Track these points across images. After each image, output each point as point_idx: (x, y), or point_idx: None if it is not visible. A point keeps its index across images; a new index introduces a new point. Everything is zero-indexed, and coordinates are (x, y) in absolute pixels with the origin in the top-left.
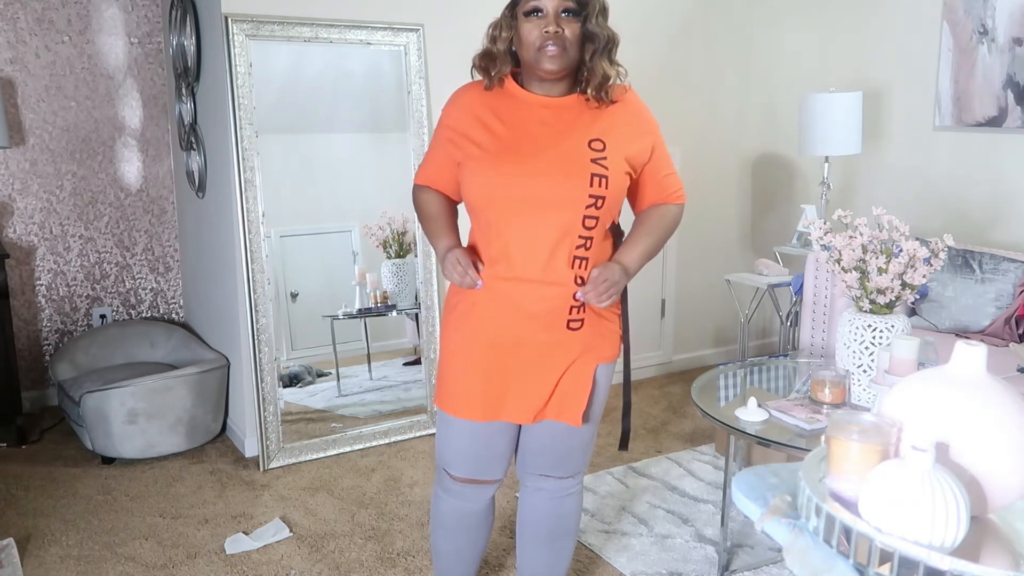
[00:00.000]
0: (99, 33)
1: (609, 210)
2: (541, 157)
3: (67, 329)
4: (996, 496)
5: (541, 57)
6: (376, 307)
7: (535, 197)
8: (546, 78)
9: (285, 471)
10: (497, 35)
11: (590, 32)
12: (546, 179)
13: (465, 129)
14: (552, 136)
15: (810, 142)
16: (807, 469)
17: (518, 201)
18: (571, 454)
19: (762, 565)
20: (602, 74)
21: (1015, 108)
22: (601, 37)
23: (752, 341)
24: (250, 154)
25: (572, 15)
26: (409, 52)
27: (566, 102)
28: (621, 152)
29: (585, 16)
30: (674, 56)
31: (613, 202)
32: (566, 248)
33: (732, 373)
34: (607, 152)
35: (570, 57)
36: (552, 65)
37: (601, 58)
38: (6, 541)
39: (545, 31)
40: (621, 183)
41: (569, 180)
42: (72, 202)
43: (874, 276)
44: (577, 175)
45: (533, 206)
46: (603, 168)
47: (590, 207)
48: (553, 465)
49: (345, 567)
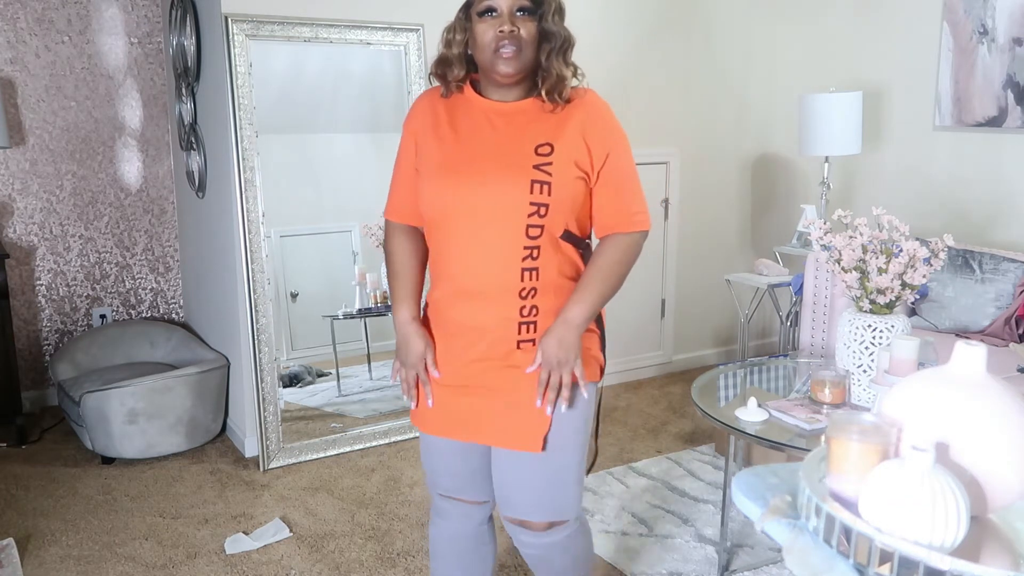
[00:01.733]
0: (99, 33)
1: (557, 217)
2: (484, 165)
3: (67, 329)
4: (996, 496)
5: (496, 60)
6: (376, 307)
7: (476, 208)
8: (502, 82)
9: (285, 471)
10: (452, 38)
11: (546, 31)
12: (486, 188)
13: (420, 138)
14: (499, 143)
15: (810, 142)
16: (807, 469)
17: (463, 213)
18: (544, 491)
19: (762, 565)
20: (557, 74)
21: (1015, 108)
22: (558, 36)
23: (752, 341)
24: (250, 154)
25: (527, 14)
26: (409, 52)
27: (520, 107)
28: (571, 156)
29: (541, 15)
30: (674, 56)
31: (560, 208)
32: (512, 260)
33: (732, 373)
34: (554, 157)
35: (525, 58)
36: (507, 68)
37: (557, 58)
38: (6, 541)
39: (500, 31)
40: (570, 189)
41: (509, 188)
42: (72, 202)
43: (874, 276)
44: (517, 182)
45: (475, 217)
46: (546, 174)
47: (532, 215)
48: (526, 506)
49: (345, 567)
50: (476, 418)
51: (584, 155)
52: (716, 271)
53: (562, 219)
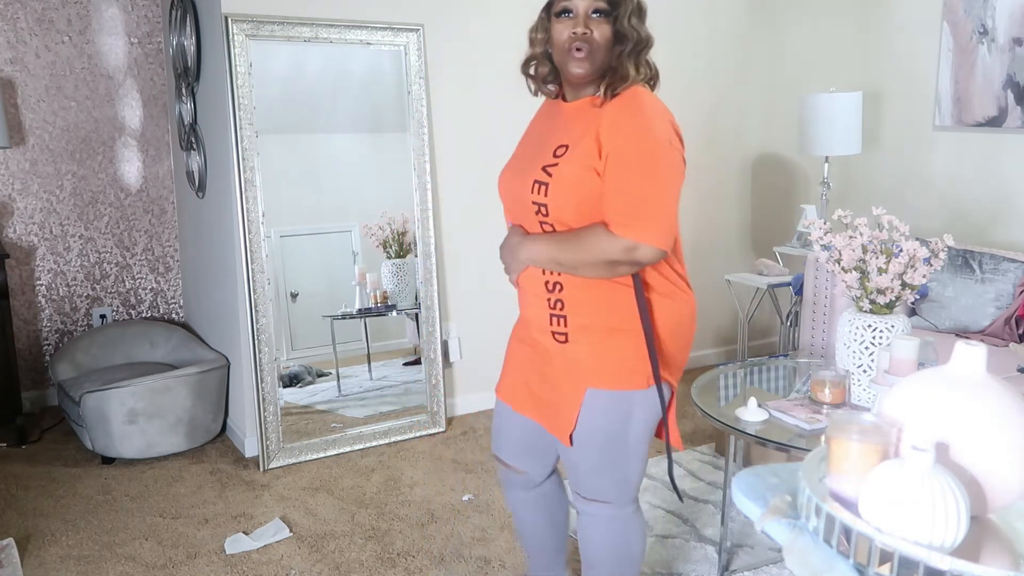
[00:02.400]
0: (99, 33)
1: (559, 215)
2: (515, 165)
3: (67, 329)
4: (996, 496)
5: (568, 60)
6: (376, 307)
7: (509, 206)
8: (574, 82)
9: (285, 471)
10: (534, 37)
11: (620, 33)
12: (506, 188)
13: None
14: (538, 143)
15: (810, 142)
16: (807, 469)
17: (506, 209)
18: (575, 472)
19: (762, 565)
20: (624, 74)
21: (1015, 108)
22: (631, 38)
23: (752, 341)
24: (250, 154)
25: (603, 15)
26: (409, 52)
27: (577, 105)
28: (580, 157)
29: (616, 17)
30: (674, 56)
31: (561, 207)
32: None
33: (732, 373)
34: (563, 159)
35: (597, 61)
36: (578, 68)
37: (629, 59)
38: (6, 541)
39: (573, 32)
40: (570, 190)
41: (519, 188)
42: (72, 202)
43: (874, 276)
44: (524, 183)
45: (511, 214)
46: (546, 175)
47: (537, 214)
48: (572, 479)
49: (345, 567)
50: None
51: (594, 152)
52: (716, 271)
53: (565, 217)
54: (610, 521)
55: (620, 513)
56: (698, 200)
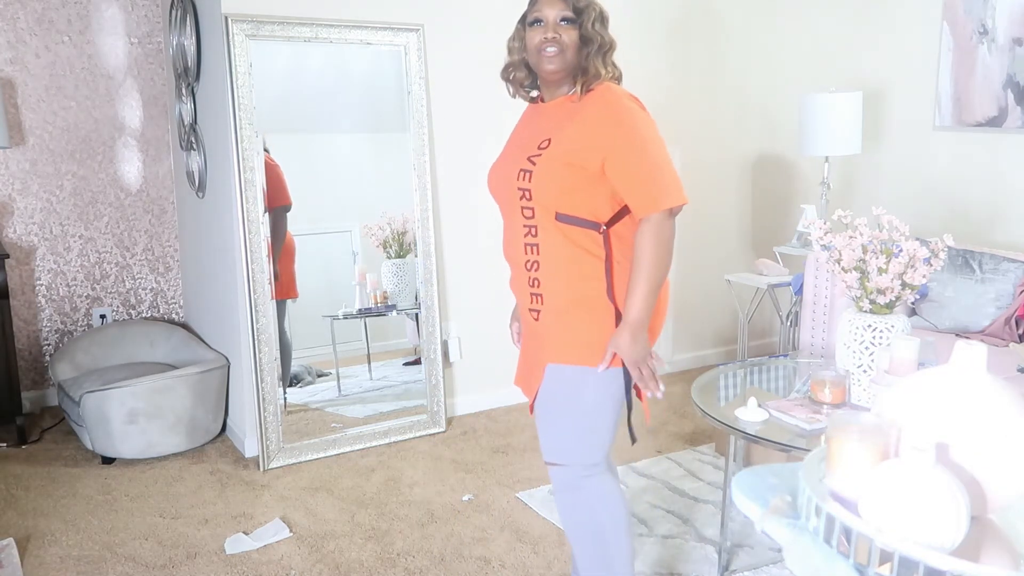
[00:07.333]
0: (99, 33)
1: (541, 200)
2: (504, 158)
3: (67, 329)
4: (996, 496)
5: (541, 58)
6: (376, 307)
7: (497, 193)
8: (548, 79)
9: (285, 471)
10: (512, 46)
11: (586, 36)
12: (495, 178)
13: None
14: (522, 139)
15: (810, 142)
16: (807, 469)
17: (496, 198)
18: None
19: (762, 565)
20: (595, 72)
21: (1015, 108)
22: (596, 41)
23: (752, 341)
24: (250, 154)
25: (569, 23)
26: (409, 52)
27: (555, 104)
28: (562, 150)
29: (581, 23)
30: (674, 56)
31: (543, 193)
32: (518, 236)
33: (732, 373)
34: (546, 151)
35: (567, 59)
36: (550, 64)
37: (596, 59)
38: (6, 541)
39: (544, 36)
40: (553, 177)
41: (506, 176)
42: (72, 202)
43: (874, 276)
44: (511, 171)
45: (499, 200)
46: (531, 164)
47: (522, 199)
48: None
49: (345, 567)
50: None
51: (579, 148)
52: (716, 271)
53: (548, 203)
54: (568, 489)
55: (577, 479)
56: (698, 200)
